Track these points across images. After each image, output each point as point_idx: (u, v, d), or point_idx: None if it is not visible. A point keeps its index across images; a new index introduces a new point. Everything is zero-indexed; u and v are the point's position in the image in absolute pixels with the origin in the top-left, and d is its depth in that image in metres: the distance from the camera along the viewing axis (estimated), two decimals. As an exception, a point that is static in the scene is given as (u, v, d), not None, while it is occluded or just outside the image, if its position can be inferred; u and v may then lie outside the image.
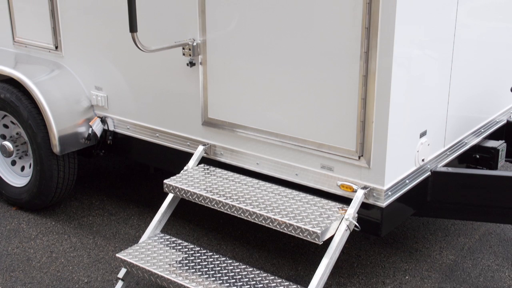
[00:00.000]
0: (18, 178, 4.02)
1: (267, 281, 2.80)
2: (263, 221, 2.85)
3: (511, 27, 3.66)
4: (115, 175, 4.57)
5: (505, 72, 3.73)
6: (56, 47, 3.82)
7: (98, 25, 3.60)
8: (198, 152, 3.32)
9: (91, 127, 3.72)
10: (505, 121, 3.77)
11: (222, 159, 3.31)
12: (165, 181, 3.16)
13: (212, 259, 2.96)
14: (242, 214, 2.91)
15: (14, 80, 3.74)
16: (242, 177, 3.20)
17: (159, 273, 2.84)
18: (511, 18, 3.63)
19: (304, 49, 2.85)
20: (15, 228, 3.83)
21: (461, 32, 3.10)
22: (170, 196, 3.21)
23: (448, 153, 3.25)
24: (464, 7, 3.07)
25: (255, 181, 3.15)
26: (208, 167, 3.31)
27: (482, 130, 3.55)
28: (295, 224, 2.75)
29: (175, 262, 2.93)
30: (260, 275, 2.85)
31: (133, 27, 2.94)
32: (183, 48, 3.20)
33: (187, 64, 3.24)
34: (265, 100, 3.05)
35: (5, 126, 4.01)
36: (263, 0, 2.92)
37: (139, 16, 2.95)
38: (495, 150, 3.43)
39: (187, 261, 2.94)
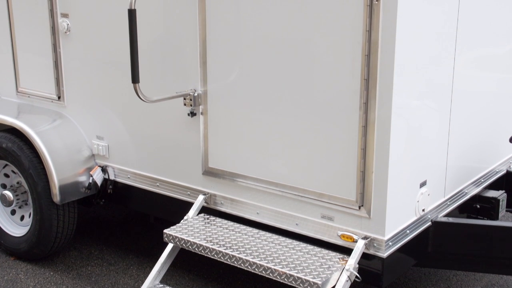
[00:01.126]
0: (17, 228, 4.00)
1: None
2: (263, 272, 2.82)
3: (509, 78, 3.71)
4: (114, 225, 4.55)
5: (503, 122, 3.76)
6: (59, 97, 3.87)
7: (101, 75, 3.65)
8: (198, 201, 3.32)
9: (91, 176, 3.73)
10: (504, 171, 3.78)
11: (223, 209, 3.30)
12: (165, 231, 3.15)
13: (211, 311, 2.92)
14: (242, 264, 2.89)
15: (17, 129, 3.77)
16: (242, 226, 3.18)
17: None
18: (509, 69, 3.69)
19: (304, 99, 2.88)
20: (13, 278, 3.79)
21: (459, 83, 3.14)
22: (169, 246, 3.19)
23: (448, 203, 3.24)
24: (461, 58, 3.12)
25: (255, 230, 3.14)
26: (208, 216, 3.30)
27: (482, 180, 3.56)
28: (295, 274, 2.73)
29: (174, 313, 2.89)
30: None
31: (135, 78, 2.98)
32: (184, 99, 3.24)
33: (188, 114, 3.27)
34: (265, 150, 3.07)
35: (6, 175, 4.02)
36: (263, 52, 2.97)
37: (140, 66, 3.00)
38: (496, 200, 3.42)
39: (186, 313, 2.90)
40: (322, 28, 2.76)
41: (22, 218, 4.02)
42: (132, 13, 2.91)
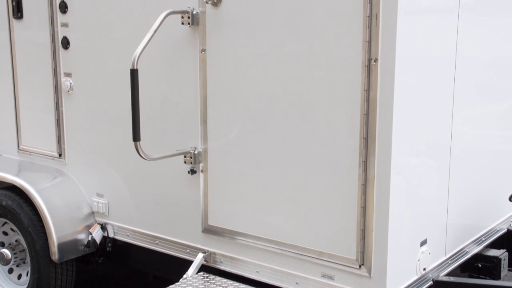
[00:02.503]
0: (14, 287, 3.95)
1: None
2: (263, 333, 2.78)
3: (508, 136, 3.74)
4: (113, 283, 4.49)
5: (503, 180, 3.77)
6: (60, 155, 3.89)
7: (102, 132, 3.68)
8: (198, 259, 3.29)
9: (91, 234, 3.71)
10: (505, 230, 3.76)
11: (222, 267, 3.27)
12: (163, 290, 3.11)
13: None
14: (241, 325, 2.84)
15: (17, 187, 3.78)
16: (242, 285, 3.15)
17: None
18: (507, 126, 3.72)
19: (304, 157, 2.90)
20: (8, 338, 3.72)
21: (457, 141, 3.16)
22: (168, 306, 3.15)
23: (449, 262, 3.21)
24: (459, 115, 3.15)
25: (255, 290, 3.11)
26: (207, 275, 3.27)
27: (483, 239, 3.54)
28: (296, 335, 2.68)
29: None
30: None
31: (136, 136, 3.01)
32: (185, 156, 3.26)
33: (188, 172, 3.28)
34: (265, 208, 3.06)
35: (5, 233, 4.00)
36: (263, 110, 3.00)
37: (141, 124, 3.03)
38: (497, 259, 3.39)
39: None
40: (321, 88, 2.80)
41: (19, 277, 3.98)
42: (134, 73, 2.96)
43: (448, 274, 3.17)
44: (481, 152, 3.49)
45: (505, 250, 3.52)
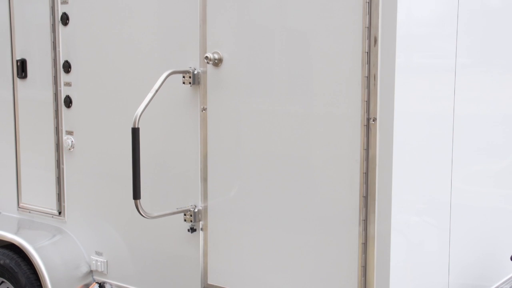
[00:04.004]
0: None
1: None
2: None
3: (507, 194, 3.74)
4: None
5: (504, 239, 3.75)
6: (60, 213, 3.88)
7: (102, 190, 3.69)
8: (197, 320, 3.24)
9: (89, 293, 3.67)
10: (508, 289, 3.72)
11: (222, 328, 3.22)
12: None
13: None
14: None
15: (16, 245, 3.75)
16: None
17: None
18: (507, 184, 3.72)
19: (304, 216, 2.89)
20: None
21: (457, 198, 3.17)
22: None
23: (452, 322, 3.17)
24: (459, 173, 3.16)
25: None
26: (206, 336, 3.22)
27: (486, 298, 3.50)
28: None
29: None
30: None
31: (136, 194, 3.02)
32: (185, 214, 3.26)
33: (188, 230, 3.27)
34: (265, 266, 3.04)
35: (2, 292, 3.96)
36: (264, 168, 3.02)
37: (141, 181, 3.04)
38: (500, 320, 3.35)
39: None
40: (321, 146, 2.82)
41: (14, 338, 3.91)
42: (135, 132, 2.99)
43: (451, 335, 3.12)
44: (481, 210, 3.48)
45: (508, 310, 3.47)
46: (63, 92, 3.79)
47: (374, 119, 2.66)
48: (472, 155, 3.33)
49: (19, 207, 4.11)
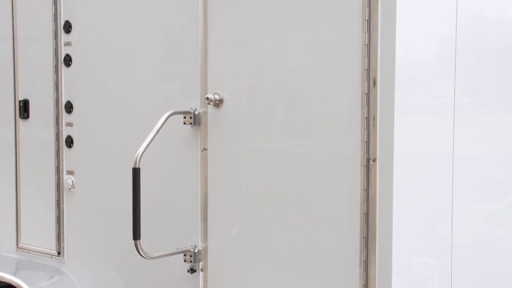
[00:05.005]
0: None
1: None
2: None
3: (508, 234, 3.72)
4: None
5: (506, 280, 3.71)
6: (59, 253, 3.86)
7: (101, 230, 3.68)
8: None
9: (86, 335, 3.63)
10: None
11: None
12: None
13: None
14: None
15: (14, 286, 3.72)
16: None
17: None
18: (509, 224, 3.71)
19: (305, 256, 2.88)
20: None
21: (458, 239, 3.15)
22: None
23: None
24: (459, 213, 3.15)
25: None
26: None
27: None
28: None
29: None
30: None
31: (136, 235, 3.01)
32: (184, 255, 3.24)
33: (188, 271, 3.25)
34: (265, 308, 3.02)
35: (-2, 334, 3.91)
36: (264, 208, 3.02)
37: (141, 221, 3.03)
38: None
39: None
40: (321, 187, 2.83)
41: None
42: (136, 172, 3.01)
43: None
44: (482, 250, 3.46)
45: None
46: (65, 132, 3.82)
47: (374, 160, 2.67)
48: (472, 194, 3.32)
49: (18, 247, 4.09)
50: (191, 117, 3.21)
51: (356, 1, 2.68)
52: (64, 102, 3.80)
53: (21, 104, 4.01)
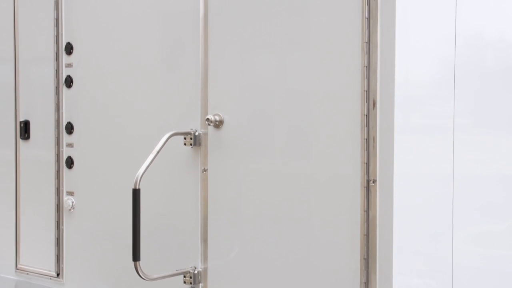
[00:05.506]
0: None
1: None
2: None
3: (509, 255, 3.71)
4: None
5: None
6: (58, 274, 3.84)
7: (100, 251, 3.66)
8: None
9: None
10: None
11: None
12: None
13: None
14: None
15: (12, 308, 3.72)
16: None
17: None
18: (509, 245, 3.70)
19: (305, 279, 2.87)
20: None
21: (458, 259, 3.14)
22: None
23: None
24: (460, 234, 3.14)
25: None
26: None
27: None
28: None
29: None
30: None
31: (136, 256, 3.00)
32: (184, 276, 3.23)
33: (188, 292, 3.24)
34: (266, 330, 3.00)
35: None
36: (264, 229, 3.01)
37: (141, 242, 3.02)
38: None
39: None
40: (321, 208, 2.83)
41: None
42: (136, 193, 3.00)
43: None
44: (483, 271, 3.45)
45: None
46: (65, 152, 3.82)
47: (374, 181, 2.67)
48: (473, 215, 3.32)
49: (17, 269, 4.07)
50: (191, 138, 3.21)
51: (355, 23, 2.71)
52: (64, 123, 3.81)
53: (21, 124, 4.02)
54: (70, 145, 3.81)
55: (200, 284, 3.22)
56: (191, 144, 3.22)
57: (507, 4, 3.35)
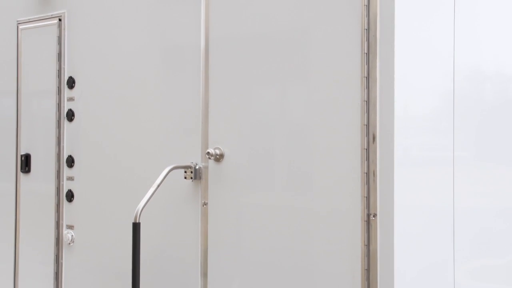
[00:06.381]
0: None
1: None
2: None
3: (511, 289, 3.69)
4: None
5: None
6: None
7: (100, 285, 3.64)
8: None
9: None
10: None
11: None
12: None
13: None
14: None
15: None
16: None
17: None
18: (508, 279, 3.67)
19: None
20: None
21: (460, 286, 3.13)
22: None
23: None
24: (461, 268, 3.12)
25: None
26: None
27: None
28: None
29: None
30: None
31: (135, 291, 2.99)
32: (184, 311, 3.21)
33: (188, 328, 3.21)
34: None
35: None
36: (264, 264, 2.99)
37: (141, 277, 3.01)
38: None
39: None
40: (322, 242, 2.82)
41: None
42: (136, 227, 3.00)
43: None
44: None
45: None
46: (66, 186, 3.82)
47: (375, 215, 2.67)
48: (473, 248, 3.30)
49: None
50: (192, 172, 3.22)
51: (355, 57, 2.73)
52: (65, 156, 3.83)
53: (22, 158, 4.03)
54: (70, 178, 3.81)
55: (200, 319, 3.20)
56: (191, 178, 3.22)
57: (503, 38, 3.40)
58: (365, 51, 2.70)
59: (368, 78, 2.70)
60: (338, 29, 2.80)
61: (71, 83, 3.81)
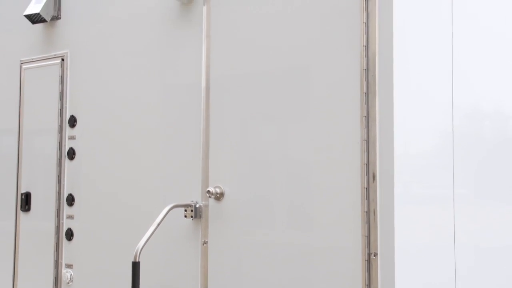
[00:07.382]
0: None
1: None
2: None
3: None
4: None
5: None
6: None
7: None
8: None
9: None
10: None
11: None
12: None
13: None
14: None
15: None
16: None
17: None
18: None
19: None
20: None
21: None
22: None
23: None
24: (462, 283, 3.10)
25: None
26: None
27: None
28: None
29: None
30: None
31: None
32: None
33: None
34: None
35: None
36: (264, 304, 2.98)
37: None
38: None
39: None
40: (322, 281, 2.80)
41: None
42: (136, 266, 2.98)
43: None
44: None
45: None
46: (65, 224, 3.81)
47: (375, 254, 2.65)
48: (475, 286, 3.27)
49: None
50: (192, 210, 3.22)
51: (355, 97, 2.76)
52: (66, 195, 3.82)
53: (23, 196, 4.03)
54: (70, 217, 3.80)
55: None
56: (191, 216, 3.22)
57: (502, 76, 3.43)
58: (365, 91, 2.73)
59: (367, 117, 2.72)
60: (337, 68, 2.83)
61: (72, 121, 3.84)
